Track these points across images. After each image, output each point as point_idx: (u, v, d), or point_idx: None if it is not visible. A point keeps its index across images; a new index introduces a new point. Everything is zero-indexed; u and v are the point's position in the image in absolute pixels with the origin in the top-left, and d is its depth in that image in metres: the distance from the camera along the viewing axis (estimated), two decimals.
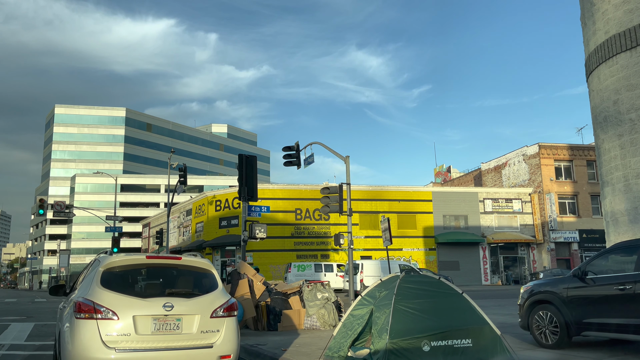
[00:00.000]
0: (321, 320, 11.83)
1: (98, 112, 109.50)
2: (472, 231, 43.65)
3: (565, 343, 7.91)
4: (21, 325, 14.96)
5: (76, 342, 5.25)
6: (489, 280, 43.03)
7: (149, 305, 5.50)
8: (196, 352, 5.52)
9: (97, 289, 5.57)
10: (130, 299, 5.51)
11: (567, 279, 8.02)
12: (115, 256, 6.12)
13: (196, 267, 6.25)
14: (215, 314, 5.76)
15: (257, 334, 11.41)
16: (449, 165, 74.16)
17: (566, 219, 43.61)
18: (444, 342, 6.27)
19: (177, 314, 5.54)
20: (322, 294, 12.25)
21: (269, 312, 12.06)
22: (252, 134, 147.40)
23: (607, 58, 11.34)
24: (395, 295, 6.49)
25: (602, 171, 12.42)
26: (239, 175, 13.66)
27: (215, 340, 5.66)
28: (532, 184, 44.83)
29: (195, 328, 5.60)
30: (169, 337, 5.46)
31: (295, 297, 12.49)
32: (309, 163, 22.79)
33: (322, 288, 12.52)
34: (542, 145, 43.99)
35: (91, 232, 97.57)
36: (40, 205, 35.27)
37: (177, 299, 5.63)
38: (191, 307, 5.66)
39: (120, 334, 5.30)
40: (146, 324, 5.42)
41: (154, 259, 6.20)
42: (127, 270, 5.99)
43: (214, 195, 43.42)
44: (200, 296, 5.84)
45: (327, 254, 41.08)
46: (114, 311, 5.36)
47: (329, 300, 12.22)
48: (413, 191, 43.64)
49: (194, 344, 5.54)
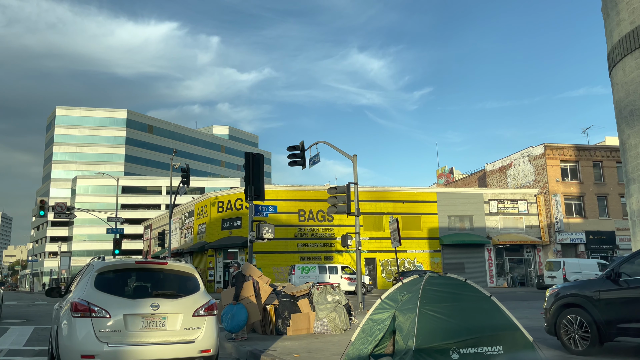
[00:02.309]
0: (332, 324, 11.36)
1: (99, 114, 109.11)
2: (478, 232, 43.14)
3: (597, 349, 7.44)
4: (20, 329, 14.52)
5: (73, 338, 5.83)
6: (494, 282, 42.50)
7: (138, 305, 6.09)
8: (179, 346, 6.13)
9: (92, 290, 6.16)
10: (121, 300, 6.11)
11: (599, 281, 7.55)
12: (108, 261, 6.75)
13: (180, 271, 6.87)
14: (197, 313, 6.37)
15: (266, 338, 10.95)
16: (452, 167, 73.67)
17: (572, 220, 43.09)
18: (473, 349, 5.80)
19: (163, 313, 6.14)
20: (333, 297, 11.79)
21: (277, 316, 11.60)
22: (253, 136, 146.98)
23: (633, 49, 10.78)
24: (420, 299, 6.03)
25: (628, 168, 11.87)
26: (245, 174, 13.20)
27: (196, 336, 6.27)
28: (537, 184, 44.33)
29: (179, 325, 6.20)
30: (155, 334, 6.05)
31: (305, 300, 12.02)
32: (314, 163, 22.30)
33: (332, 290, 12.06)
34: (547, 146, 43.50)
35: (92, 234, 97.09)
36: (41, 206, 34.84)
37: (163, 300, 6.23)
38: (175, 307, 6.26)
39: (112, 330, 5.87)
40: (135, 321, 6.00)
41: (143, 263, 6.78)
42: (119, 273, 6.62)
43: (217, 196, 42.96)
44: (184, 297, 6.45)
45: (331, 256, 40.58)
46: (107, 310, 5.93)
47: (339, 303, 11.76)
48: (418, 192, 43.14)
49: (178, 339, 6.15)
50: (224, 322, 10.52)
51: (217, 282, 40.93)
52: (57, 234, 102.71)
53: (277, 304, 11.79)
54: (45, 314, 20.25)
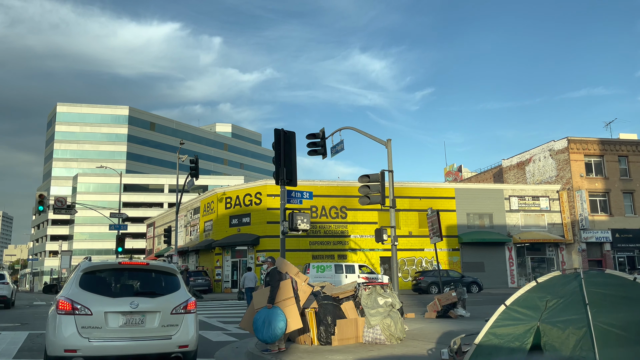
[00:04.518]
0: (387, 332, 9.38)
1: (101, 111, 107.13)
2: (498, 230, 41.13)
3: None
4: (13, 335, 12.59)
5: (57, 333, 6.17)
6: (515, 283, 40.48)
7: (118, 303, 6.41)
8: (157, 342, 6.43)
9: (76, 289, 6.52)
10: (103, 298, 6.43)
11: None
12: (94, 262, 7.12)
13: (161, 271, 7.21)
14: (176, 311, 6.67)
15: (308, 350, 8.99)
16: (460, 165, 71.77)
17: (597, 217, 41.05)
18: None
19: (142, 311, 6.44)
20: (385, 299, 9.82)
21: (319, 322, 9.64)
22: (256, 134, 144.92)
23: None
24: (589, 306, 4.05)
25: None
26: (275, 154, 11.25)
27: (174, 333, 6.58)
28: (560, 180, 42.30)
29: (157, 323, 6.50)
30: (134, 330, 6.36)
31: (349, 303, 10.05)
32: (337, 152, 20.35)
33: (383, 291, 10.09)
34: (571, 140, 41.48)
35: (93, 233, 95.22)
36: (40, 201, 32.85)
37: (143, 298, 6.55)
38: (154, 305, 6.56)
39: (93, 327, 6.20)
40: (115, 319, 6.33)
41: (126, 264, 7.09)
42: (103, 273, 6.96)
43: (224, 192, 40.99)
44: (163, 296, 6.77)
45: (345, 255, 38.60)
46: (89, 308, 6.26)
47: (393, 307, 9.79)
48: (435, 188, 41.14)
49: (155, 335, 6.45)
50: (258, 330, 8.57)
51: (224, 282, 38.97)
52: (58, 232, 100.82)
53: (316, 307, 9.83)
54: (43, 316, 18.23)
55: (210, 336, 12.18)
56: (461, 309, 15.01)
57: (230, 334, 12.74)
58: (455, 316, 14.64)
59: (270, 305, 8.67)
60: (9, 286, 22.59)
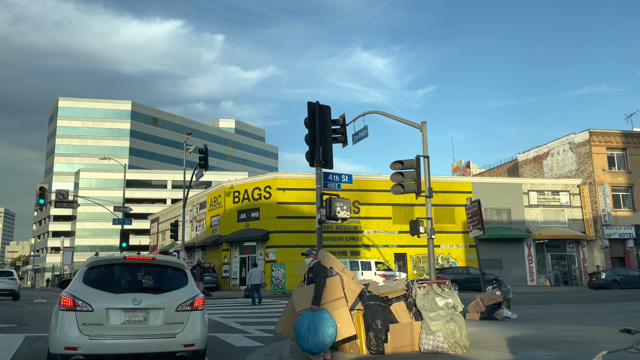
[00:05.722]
0: (451, 339, 7.85)
1: (103, 105, 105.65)
2: (516, 226, 39.57)
3: None
4: (7, 338, 11.11)
5: (58, 330, 5.98)
6: (534, 281, 38.93)
7: (120, 299, 6.16)
8: (160, 340, 6.12)
9: (80, 285, 6.31)
10: (105, 294, 6.20)
11: None
12: (99, 257, 6.90)
13: (168, 266, 6.88)
14: (181, 308, 6.35)
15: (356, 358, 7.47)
16: (469, 160, 70.22)
17: (620, 213, 39.45)
18: None
19: (145, 308, 6.16)
20: (444, 300, 8.29)
21: (367, 327, 8.12)
22: (260, 130, 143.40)
23: None
24: None
25: None
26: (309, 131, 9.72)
27: (179, 331, 6.25)
28: (580, 174, 40.69)
29: (161, 320, 6.20)
30: (136, 327, 6.09)
31: (400, 304, 8.53)
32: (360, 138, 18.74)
33: (441, 290, 8.55)
34: (592, 132, 39.86)
35: (96, 229, 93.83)
36: (40, 194, 31.37)
37: (146, 294, 6.28)
38: (158, 301, 6.27)
39: (94, 323, 5.97)
40: (117, 315, 6.08)
41: (131, 258, 6.79)
42: (107, 268, 6.72)
43: (232, 185, 39.49)
44: (168, 292, 6.47)
45: (357, 251, 37.11)
46: (90, 304, 6.03)
47: (455, 309, 8.26)
48: (451, 182, 39.59)
49: (159, 333, 6.15)
50: (301, 338, 7.05)
51: (232, 279, 37.51)
52: (60, 228, 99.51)
53: (362, 309, 8.32)
54: (43, 315, 16.73)
55: (231, 340, 10.70)
56: (507, 310, 13.51)
57: (253, 337, 11.26)
58: (501, 318, 13.14)
59: (316, 307, 7.16)
60: (17, 282, 27.76)
